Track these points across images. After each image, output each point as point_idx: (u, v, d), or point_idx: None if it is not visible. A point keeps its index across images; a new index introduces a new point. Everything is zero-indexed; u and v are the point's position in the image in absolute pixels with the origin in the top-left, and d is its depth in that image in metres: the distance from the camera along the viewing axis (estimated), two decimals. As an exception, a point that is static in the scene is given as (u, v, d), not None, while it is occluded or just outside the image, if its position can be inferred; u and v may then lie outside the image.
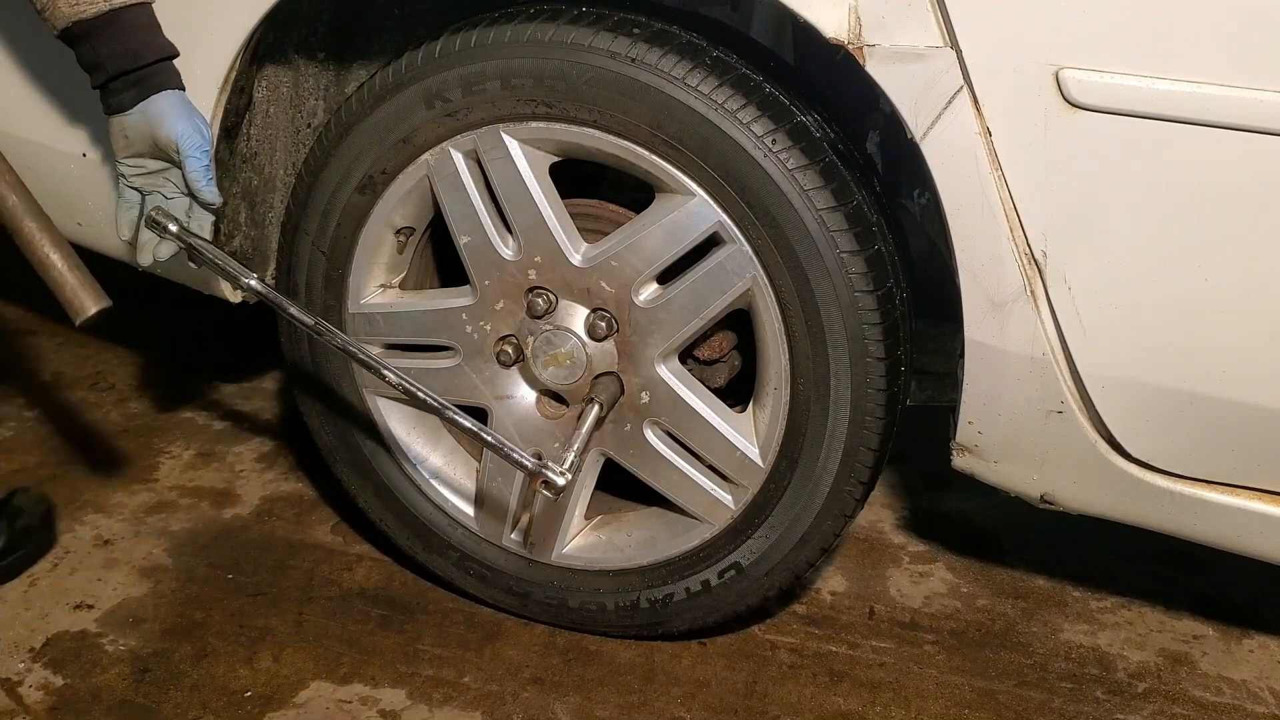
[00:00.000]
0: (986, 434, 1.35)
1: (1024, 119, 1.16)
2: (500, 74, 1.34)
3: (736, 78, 1.28)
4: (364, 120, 1.43)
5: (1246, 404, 1.22)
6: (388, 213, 1.48)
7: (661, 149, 1.32)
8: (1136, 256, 1.19)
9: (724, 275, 1.35)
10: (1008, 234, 1.21)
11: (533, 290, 1.44)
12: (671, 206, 1.35)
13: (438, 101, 1.39)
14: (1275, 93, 1.08)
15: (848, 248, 1.29)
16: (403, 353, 1.57)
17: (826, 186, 1.28)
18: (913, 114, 1.19)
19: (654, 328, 1.40)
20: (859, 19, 1.18)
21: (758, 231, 1.31)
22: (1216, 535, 1.33)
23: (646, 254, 1.37)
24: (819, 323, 1.32)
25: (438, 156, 1.42)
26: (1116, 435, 1.29)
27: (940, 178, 1.21)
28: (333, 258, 1.52)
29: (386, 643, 1.59)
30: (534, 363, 1.47)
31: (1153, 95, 1.11)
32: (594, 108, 1.32)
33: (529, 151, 1.39)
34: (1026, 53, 1.14)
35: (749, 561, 1.47)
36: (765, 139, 1.27)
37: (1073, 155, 1.16)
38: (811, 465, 1.40)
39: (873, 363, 1.32)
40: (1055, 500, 1.37)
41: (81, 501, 1.87)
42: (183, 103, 1.31)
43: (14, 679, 1.49)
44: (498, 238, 1.43)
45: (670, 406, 1.43)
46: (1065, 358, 1.26)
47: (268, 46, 1.51)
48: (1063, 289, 1.22)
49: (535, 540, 1.57)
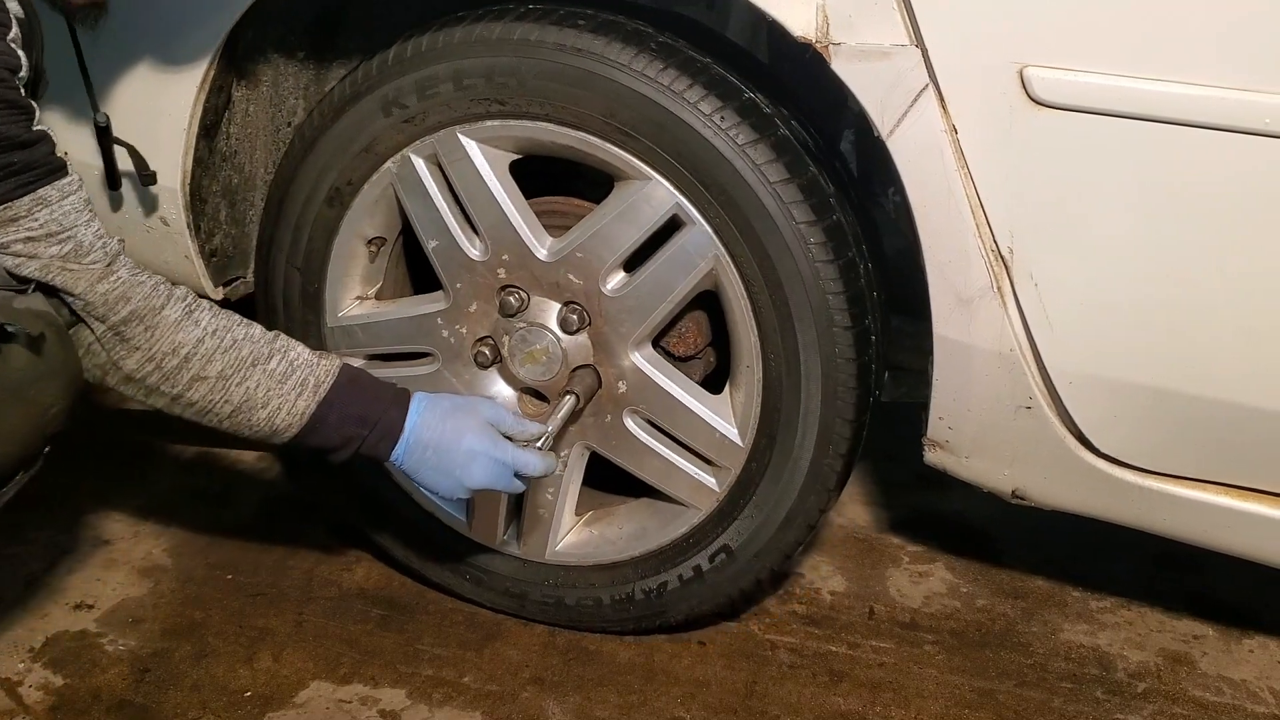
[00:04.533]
0: (957, 430, 1.36)
1: (989, 116, 1.17)
2: (452, 76, 1.36)
3: (682, 60, 1.29)
4: (326, 133, 1.45)
5: (1213, 400, 1.23)
6: (357, 223, 1.49)
7: (615, 137, 1.33)
8: (1102, 253, 1.19)
9: (687, 257, 1.35)
10: (974, 230, 1.22)
11: (504, 289, 1.45)
12: (630, 193, 1.35)
13: (395, 108, 1.40)
14: (1239, 90, 1.09)
15: (804, 219, 1.29)
16: (384, 363, 1.57)
17: (779, 159, 1.28)
18: (879, 112, 1.20)
19: (624, 316, 1.40)
20: (826, 18, 1.19)
21: (715, 210, 1.32)
22: (1186, 530, 1.33)
23: (610, 243, 1.38)
24: (783, 296, 1.33)
25: (400, 163, 1.43)
26: (1085, 431, 1.30)
27: (907, 175, 1.22)
28: (307, 273, 1.53)
29: (386, 643, 1.59)
30: (511, 361, 1.48)
31: (1117, 93, 1.12)
32: (545, 101, 1.33)
33: (487, 151, 1.40)
34: (991, 51, 1.15)
35: (738, 544, 1.47)
36: (713, 117, 1.28)
37: (1038, 152, 1.17)
38: (789, 441, 1.40)
39: (840, 332, 1.33)
40: (1027, 496, 1.38)
41: (81, 501, 1.87)
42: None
43: (14, 679, 1.49)
44: (465, 239, 1.44)
45: (647, 393, 1.44)
46: (1033, 354, 1.26)
47: (247, 45, 1.51)
48: (1029, 285, 1.23)
49: (528, 540, 1.57)
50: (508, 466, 1.31)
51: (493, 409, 1.34)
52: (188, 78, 1.45)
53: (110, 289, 1.16)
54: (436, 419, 1.30)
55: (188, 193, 1.53)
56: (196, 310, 1.22)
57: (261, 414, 1.24)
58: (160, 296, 1.20)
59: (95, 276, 1.16)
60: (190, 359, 1.20)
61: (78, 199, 1.15)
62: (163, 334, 1.19)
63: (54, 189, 1.13)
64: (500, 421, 1.33)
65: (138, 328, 1.18)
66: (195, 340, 1.21)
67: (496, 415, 1.33)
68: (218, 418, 1.24)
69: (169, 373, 1.20)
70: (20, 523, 1.80)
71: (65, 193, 1.14)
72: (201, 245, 1.59)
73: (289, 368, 1.25)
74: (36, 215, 1.11)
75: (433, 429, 1.29)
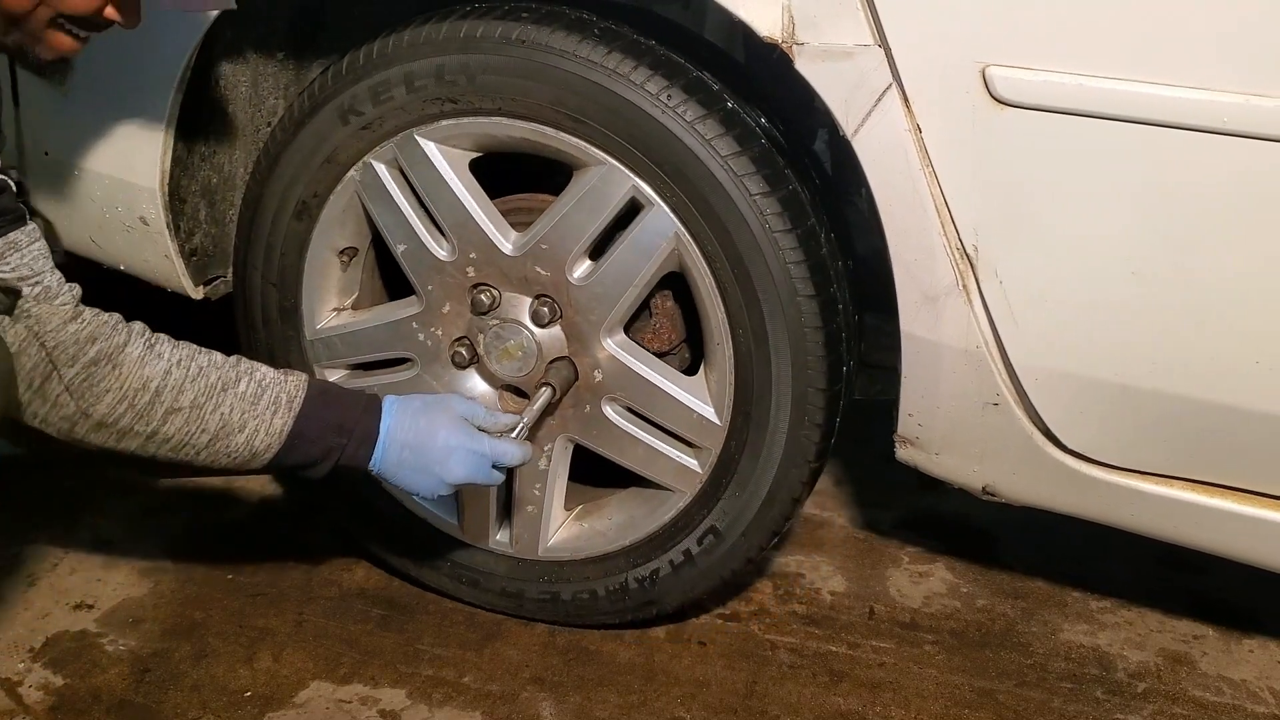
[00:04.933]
0: (926, 426, 1.36)
1: (952, 116, 1.17)
2: (404, 79, 1.37)
3: (626, 43, 1.30)
4: (289, 146, 1.46)
5: (1176, 396, 1.24)
6: (327, 235, 1.50)
7: (567, 125, 1.34)
8: (1065, 250, 1.20)
9: (648, 239, 1.36)
10: (939, 229, 1.23)
11: (475, 287, 1.46)
12: (587, 180, 1.36)
13: (351, 116, 1.41)
14: (1199, 89, 1.09)
15: (758, 190, 1.30)
16: (366, 372, 1.58)
17: (729, 133, 1.29)
18: (844, 111, 1.21)
19: (594, 304, 1.41)
20: (792, 18, 1.20)
21: (671, 190, 1.32)
22: (1153, 526, 1.34)
23: (572, 232, 1.38)
24: (744, 270, 1.33)
25: (362, 171, 1.45)
26: (1052, 427, 1.30)
27: (872, 174, 1.23)
28: (283, 288, 1.54)
29: (386, 643, 1.59)
30: (488, 359, 1.48)
31: (1078, 92, 1.13)
32: (495, 95, 1.34)
33: (446, 151, 1.41)
34: (954, 50, 1.16)
35: (724, 524, 1.48)
36: (660, 96, 1.29)
37: (1001, 151, 1.18)
38: (764, 415, 1.40)
39: (804, 300, 1.33)
40: (996, 492, 1.38)
41: (81, 501, 1.87)
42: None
43: (14, 679, 1.49)
44: (432, 241, 1.45)
45: (623, 380, 1.44)
46: (999, 351, 1.27)
47: (225, 45, 1.51)
48: (994, 283, 1.24)
49: (521, 538, 1.57)
50: (485, 458, 1.31)
51: (464, 404, 1.34)
52: (164, 77, 1.45)
53: (80, 329, 1.17)
54: (409, 418, 1.30)
55: (166, 192, 1.54)
56: (157, 344, 1.22)
57: (239, 438, 1.23)
58: (121, 334, 1.20)
59: (66, 316, 1.17)
60: (161, 392, 1.20)
61: (42, 245, 1.18)
62: (130, 370, 1.19)
63: (22, 234, 1.16)
64: (473, 415, 1.33)
65: (106, 367, 1.18)
66: (163, 373, 1.20)
67: (469, 409, 1.34)
68: (195, 449, 1.23)
69: (142, 410, 1.20)
70: (20, 523, 1.80)
71: (32, 238, 1.17)
72: (181, 245, 1.60)
73: (259, 388, 1.25)
74: (9, 259, 1.14)
75: (407, 429, 1.30)
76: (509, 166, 1.48)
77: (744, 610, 1.67)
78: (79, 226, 1.65)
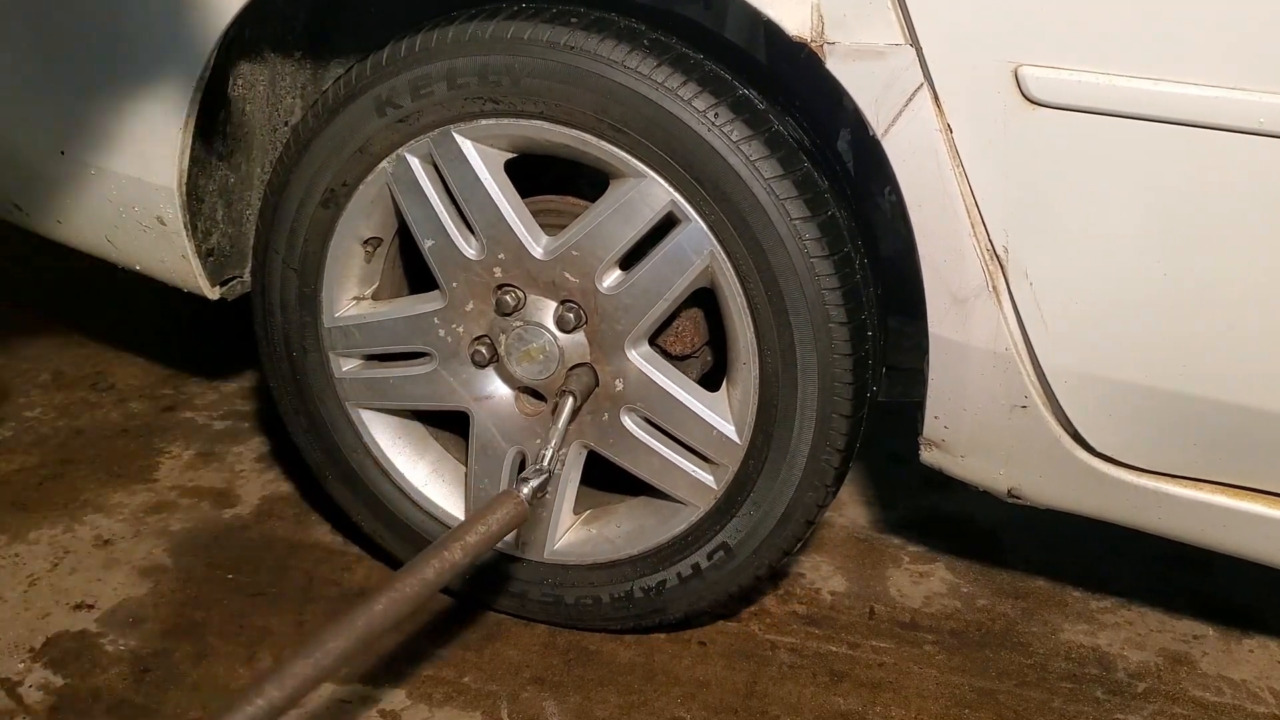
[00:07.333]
0: (952, 429, 1.36)
1: (984, 116, 1.16)
2: (446, 75, 1.36)
3: (675, 57, 1.29)
4: (320, 134, 1.45)
5: (1207, 399, 1.23)
6: (353, 224, 1.49)
7: (609, 134, 1.32)
8: (1097, 252, 1.19)
9: (682, 254, 1.35)
10: (969, 230, 1.22)
11: (500, 288, 1.45)
12: (625, 190, 1.35)
13: (389, 108, 1.40)
14: (1233, 89, 1.08)
15: (799, 214, 1.29)
16: (381, 363, 1.57)
17: (773, 155, 1.28)
18: (874, 111, 1.20)
19: (621, 314, 1.40)
20: (821, 17, 1.19)
21: (710, 207, 1.32)
22: (1181, 529, 1.33)
23: (605, 240, 1.37)
24: (778, 292, 1.33)
25: (395, 163, 1.43)
26: (1080, 430, 1.29)
27: (902, 174, 1.22)
28: (304, 274, 1.53)
29: (386, 643, 1.59)
30: (508, 360, 1.48)
31: (1112, 92, 1.12)
32: (539, 99, 1.33)
33: (482, 150, 1.40)
34: (986, 50, 1.14)
35: (736, 541, 1.47)
36: (708, 114, 1.28)
37: (1032, 152, 1.17)
38: (786, 437, 1.40)
39: (836, 327, 1.33)
40: (1022, 495, 1.38)
41: (81, 501, 1.87)
42: None
43: (14, 679, 1.49)
44: (461, 239, 1.44)
45: (645, 391, 1.43)
46: (1028, 353, 1.26)
47: (243, 44, 1.51)
48: (1024, 284, 1.23)
49: (527, 539, 1.57)
50: None
51: None
52: (184, 76, 1.45)
53: None
54: None
55: (184, 192, 1.53)
56: None
57: None
58: None
59: None
60: None
61: None
62: None
63: None
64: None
65: None
66: None
67: None
68: None
69: None
70: (20, 523, 1.80)
71: None
72: (198, 244, 1.59)
73: None
74: None
75: None
76: (534, 166, 1.47)
77: (744, 610, 1.67)
78: (94, 226, 1.65)
